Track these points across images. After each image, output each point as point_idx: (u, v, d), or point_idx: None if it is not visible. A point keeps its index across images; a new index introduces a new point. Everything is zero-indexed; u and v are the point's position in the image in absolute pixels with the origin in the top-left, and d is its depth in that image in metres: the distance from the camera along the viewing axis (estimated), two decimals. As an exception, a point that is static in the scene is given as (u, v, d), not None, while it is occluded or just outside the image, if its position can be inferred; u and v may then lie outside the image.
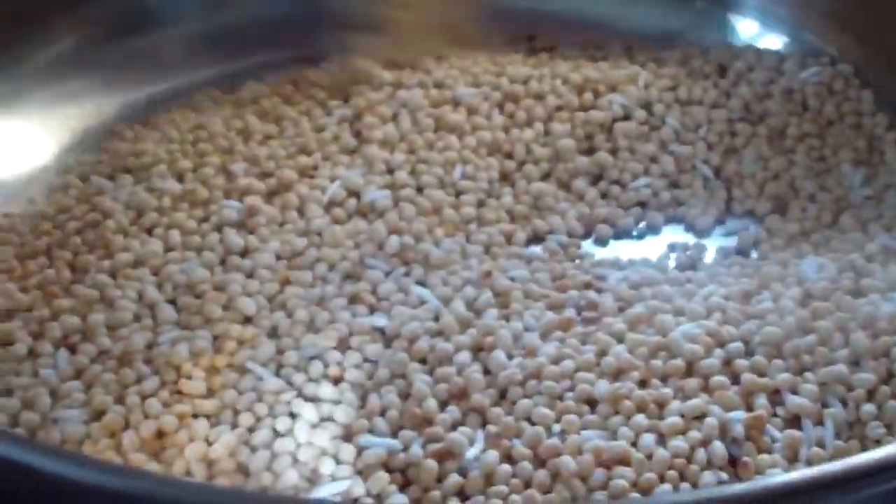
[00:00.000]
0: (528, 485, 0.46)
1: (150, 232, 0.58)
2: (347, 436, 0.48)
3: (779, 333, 0.50)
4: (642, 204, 0.63)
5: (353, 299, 0.54)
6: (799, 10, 0.68)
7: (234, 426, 0.49)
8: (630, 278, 0.55)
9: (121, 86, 0.69)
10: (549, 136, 0.64)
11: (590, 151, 0.64)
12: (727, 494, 0.35)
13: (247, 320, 0.53)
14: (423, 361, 0.51)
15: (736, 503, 0.34)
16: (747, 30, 0.69)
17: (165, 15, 0.71)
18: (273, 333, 0.52)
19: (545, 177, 0.63)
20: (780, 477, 0.37)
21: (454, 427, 0.48)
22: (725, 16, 0.70)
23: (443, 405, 0.49)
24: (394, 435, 0.48)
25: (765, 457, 0.46)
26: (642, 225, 0.62)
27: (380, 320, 0.53)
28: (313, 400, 0.49)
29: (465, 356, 0.50)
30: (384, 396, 0.49)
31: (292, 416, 0.49)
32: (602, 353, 0.50)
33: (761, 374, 0.49)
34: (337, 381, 0.50)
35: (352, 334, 0.52)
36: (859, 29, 0.66)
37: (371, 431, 0.48)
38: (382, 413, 0.49)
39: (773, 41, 0.69)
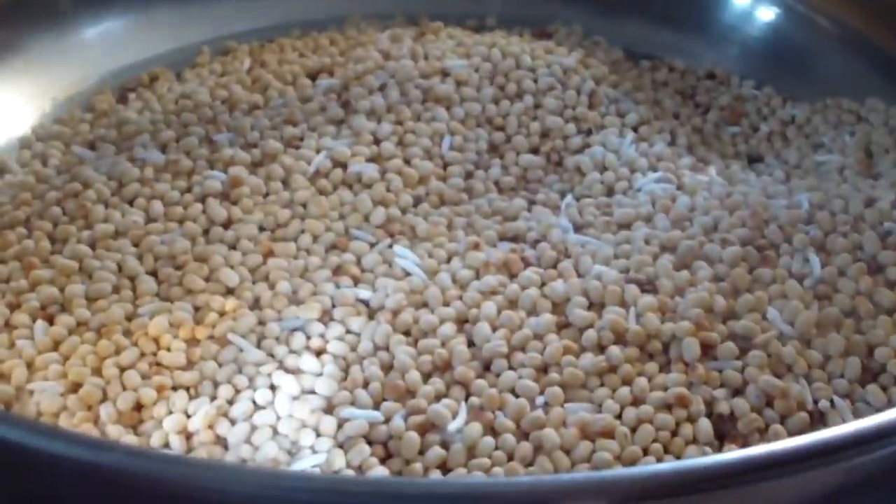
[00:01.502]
0: (511, 457, 0.45)
1: (131, 203, 0.57)
2: (329, 408, 0.47)
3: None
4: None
5: (337, 271, 0.53)
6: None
7: (214, 398, 0.48)
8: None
9: (103, 53, 0.68)
10: (540, 110, 0.63)
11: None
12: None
13: (229, 292, 0.52)
14: (406, 334, 0.50)
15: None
16: (741, 1, 0.69)
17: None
18: (255, 305, 0.51)
19: (534, 151, 0.62)
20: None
21: (437, 399, 0.47)
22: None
23: (426, 377, 0.48)
24: (376, 407, 0.47)
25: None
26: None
27: (364, 292, 0.52)
28: (294, 372, 0.48)
29: (449, 328, 0.49)
30: (367, 369, 0.48)
31: (273, 388, 0.48)
32: (588, 326, 0.49)
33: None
34: (319, 353, 0.49)
35: (335, 306, 0.51)
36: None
37: (353, 404, 0.47)
38: (365, 385, 0.48)
39: (766, 13, 0.68)
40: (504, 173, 0.61)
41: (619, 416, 0.46)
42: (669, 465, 0.33)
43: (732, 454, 0.35)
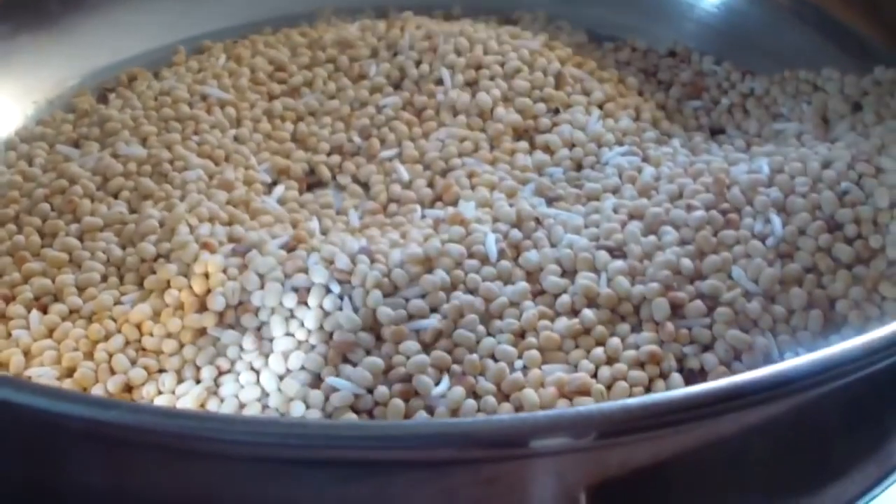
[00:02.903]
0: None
1: (116, 196, 0.59)
2: (314, 382, 0.49)
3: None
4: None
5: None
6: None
7: (198, 381, 0.50)
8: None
9: (81, 56, 0.69)
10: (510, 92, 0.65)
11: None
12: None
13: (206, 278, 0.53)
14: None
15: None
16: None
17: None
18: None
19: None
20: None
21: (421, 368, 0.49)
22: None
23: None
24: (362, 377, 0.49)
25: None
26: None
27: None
28: (278, 350, 0.50)
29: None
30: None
31: (254, 369, 0.50)
32: (561, 292, 0.51)
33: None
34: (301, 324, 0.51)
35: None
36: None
37: (338, 375, 0.49)
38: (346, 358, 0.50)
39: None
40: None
41: (594, 375, 0.49)
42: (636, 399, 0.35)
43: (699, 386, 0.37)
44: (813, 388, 0.37)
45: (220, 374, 0.50)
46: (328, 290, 0.51)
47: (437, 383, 0.48)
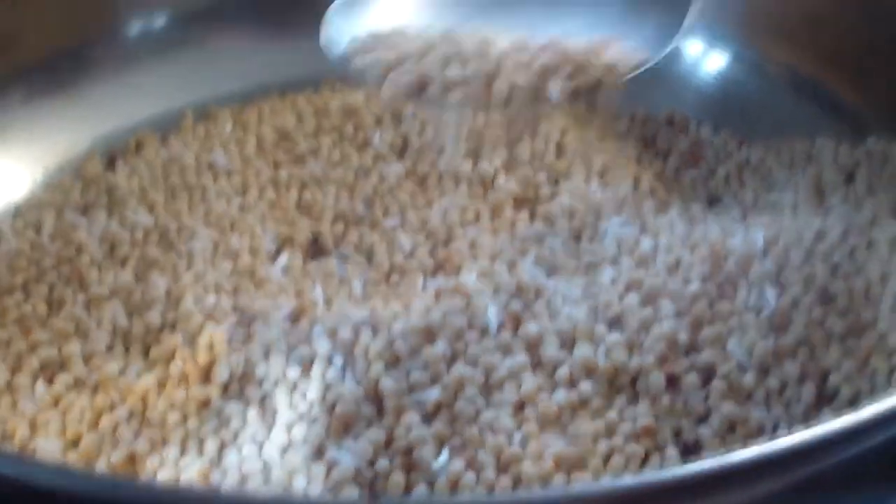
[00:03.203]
0: (491, 491, 0.48)
1: (123, 264, 0.60)
2: (317, 453, 0.50)
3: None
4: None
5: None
6: (743, 27, 0.70)
7: (202, 452, 0.51)
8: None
9: (90, 121, 0.70)
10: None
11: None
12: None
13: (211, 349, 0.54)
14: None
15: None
16: (693, 50, 0.72)
17: (139, 50, 0.73)
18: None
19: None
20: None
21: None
22: (674, 37, 0.72)
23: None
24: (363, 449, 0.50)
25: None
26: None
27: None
28: (281, 421, 0.51)
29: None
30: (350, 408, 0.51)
31: (257, 441, 0.51)
32: (560, 364, 0.52)
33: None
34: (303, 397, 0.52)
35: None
36: (801, 44, 0.69)
37: (339, 447, 0.50)
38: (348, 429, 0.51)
39: (719, 60, 0.71)
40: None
41: (592, 448, 0.49)
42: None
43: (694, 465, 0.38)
44: (807, 465, 0.38)
45: (224, 445, 0.51)
46: (331, 362, 0.52)
47: (437, 455, 0.49)
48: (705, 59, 0.72)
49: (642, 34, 0.57)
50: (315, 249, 0.64)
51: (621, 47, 0.54)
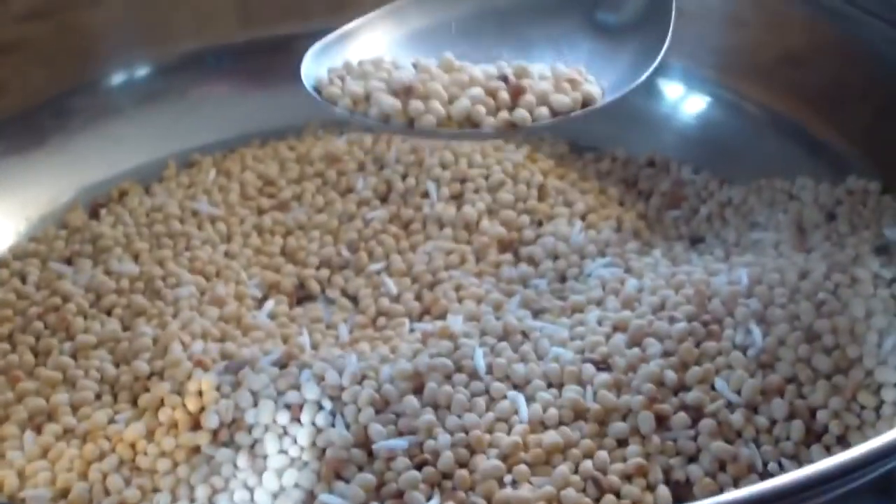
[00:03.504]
0: (483, 534, 0.48)
1: (109, 313, 0.60)
2: (308, 499, 0.50)
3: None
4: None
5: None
6: (720, 71, 0.71)
7: (193, 500, 0.51)
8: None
9: (72, 171, 0.70)
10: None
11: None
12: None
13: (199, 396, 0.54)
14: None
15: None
16: (674, 93, 0.72)
17: (121, 100, 0.74)
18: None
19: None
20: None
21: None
22: (654, 80, 0.72)
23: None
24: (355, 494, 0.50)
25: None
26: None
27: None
28: (271, 467, 0.51)
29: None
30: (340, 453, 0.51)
31: (248, 487, 0.51)
32: (549, 406, 0.53)
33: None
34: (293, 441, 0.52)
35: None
36: (779, 85, 0.69)
37: (331, 492, 0.50)
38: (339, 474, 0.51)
39: (699, 102, 0.72)
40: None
41: (583, 490, 0.49)
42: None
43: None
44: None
45: (215, 492, 0.51)
46: (320, 407, 0.52)
47: (428, 499, 0.49)
48: (685, 101, 0.72)
49: (605, 74, 0.57)
50: (301, 295, 0.64)
51: (581, 82, 0.56)
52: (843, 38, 0.67)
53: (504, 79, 0.55)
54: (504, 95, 0.54)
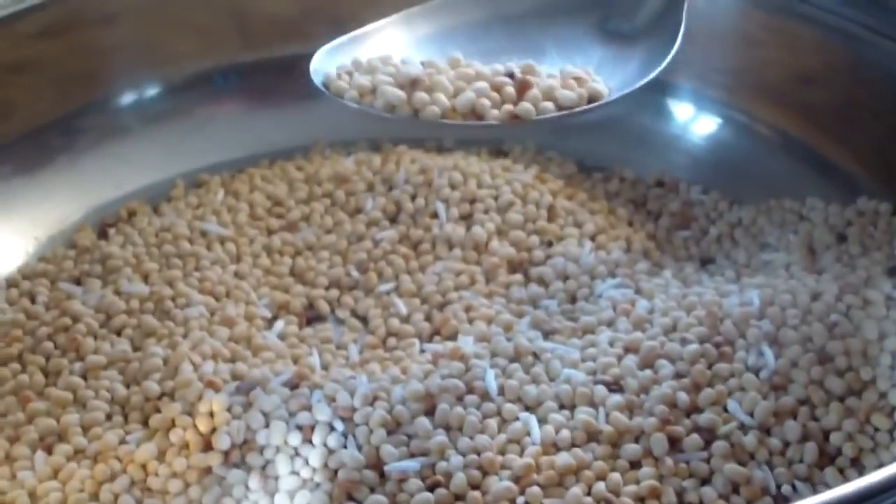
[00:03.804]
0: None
1: (119, 333, 0.60)
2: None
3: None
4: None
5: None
6: (730, 92, 0.71)
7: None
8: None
9: (81, 191, 0.70)
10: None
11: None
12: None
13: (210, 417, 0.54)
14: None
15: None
16: (683, 114, 0.73)
17: (129, 120, 0.74)
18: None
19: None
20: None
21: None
22: (663, 100, 0.73)
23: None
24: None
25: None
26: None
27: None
28: (283, 489, 0.51)
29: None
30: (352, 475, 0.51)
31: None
32: (561, 427, 0.52)
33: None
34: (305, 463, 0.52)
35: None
36: (789, 105, 0.70)
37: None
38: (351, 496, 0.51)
39: (709, 123, 0.72)
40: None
41: (597, 512, 0.49)
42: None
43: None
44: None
45: (228, 513, 0.51)
46: (332, 428, 0.52)
47: (440, 519, 0.49)
48: (694, 121, 0.72)
49: (614, 78, 0.58)
50: (310, 315, 0.64)
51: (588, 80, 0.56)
52: (854, 59, 0.67)
53: (510, 75, 0.55)
54: (510, 90, 0.55)
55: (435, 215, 0.67)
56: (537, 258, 0.65)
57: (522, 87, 0.55)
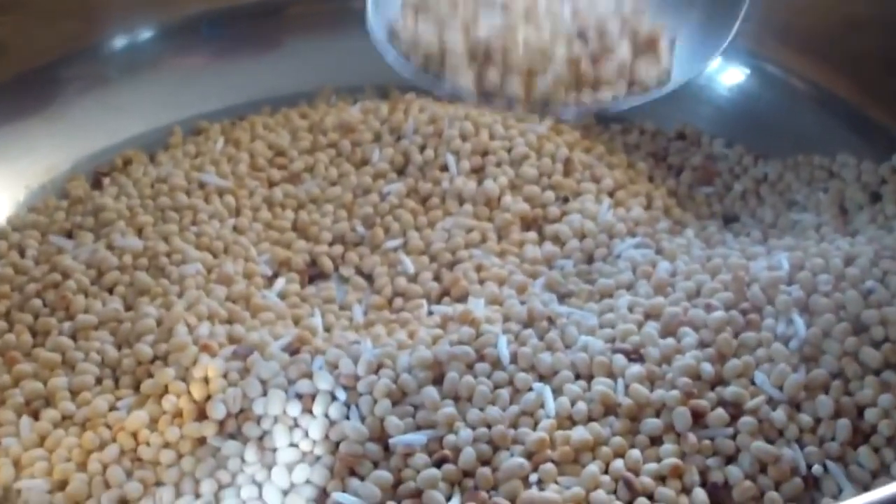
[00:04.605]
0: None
1: (111, 291, 0.57)
2: (320, 497, 0.48)
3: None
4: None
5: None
6: (757, 41, 0.67)
7: (198, 495, 0.48)
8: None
9: (74, 138, 0.67)
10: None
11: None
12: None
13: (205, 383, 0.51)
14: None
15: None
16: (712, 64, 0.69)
17: (123, 65, 0.70)
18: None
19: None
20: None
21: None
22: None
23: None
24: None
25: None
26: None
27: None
28: (281, 461, 0.48)
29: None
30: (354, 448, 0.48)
31: (256, 482, 0.48)
32: (577, 399, 0.49)
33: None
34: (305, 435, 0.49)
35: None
36: (820, 55, 0.66)
37: (344, 489, 0.47)
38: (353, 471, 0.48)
39: (735, 73, 0.69)
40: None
41: (613, 491, 0.46)
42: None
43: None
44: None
45: (221, 487, 0.48)
46: (334, 398, 0.49)
47: (448, 498, 0.46)
48: (721, 71, 0.69)
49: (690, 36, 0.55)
50: (313, 273, 0.61)
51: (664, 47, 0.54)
52: (891, 8, 0.63)
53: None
54: (585, 68, 0.52)
55: (445, 168, 0.64)
56: (552, 215, 0.62)
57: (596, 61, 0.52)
